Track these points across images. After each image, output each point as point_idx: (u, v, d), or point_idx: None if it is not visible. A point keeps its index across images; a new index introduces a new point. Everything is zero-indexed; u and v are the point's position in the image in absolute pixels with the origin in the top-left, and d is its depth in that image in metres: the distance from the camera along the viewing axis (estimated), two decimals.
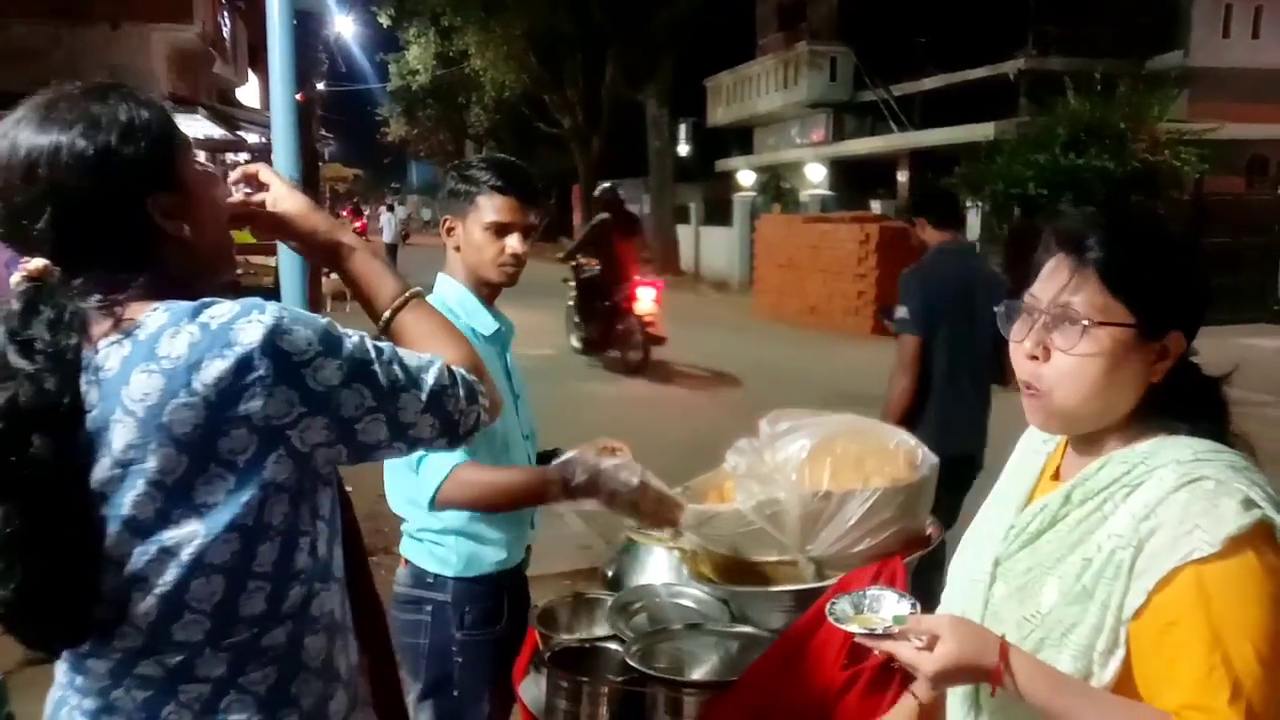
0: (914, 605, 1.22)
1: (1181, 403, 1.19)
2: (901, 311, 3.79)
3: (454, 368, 1.24)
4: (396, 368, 1.18)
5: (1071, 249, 1.18)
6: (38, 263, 1.12)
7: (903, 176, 20.18)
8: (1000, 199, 12.83)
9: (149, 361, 1.07)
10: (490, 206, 2.06)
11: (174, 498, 1.08)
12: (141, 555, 1.09)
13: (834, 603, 1.25)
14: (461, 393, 1.22)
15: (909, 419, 3.57)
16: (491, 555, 2.11)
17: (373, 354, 1.16)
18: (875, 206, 18.20)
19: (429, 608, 2.10)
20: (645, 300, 9.88)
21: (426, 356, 1.23)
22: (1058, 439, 1.31)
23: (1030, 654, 1.13)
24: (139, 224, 1.15)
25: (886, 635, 1.15)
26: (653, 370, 10.26)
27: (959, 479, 3.37)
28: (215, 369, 1.06)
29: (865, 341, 12.77)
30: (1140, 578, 1.09)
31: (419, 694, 2.14)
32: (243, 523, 1.10)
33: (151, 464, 1.06)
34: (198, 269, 1.22)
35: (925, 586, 1.52)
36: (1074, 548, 1.17)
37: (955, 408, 3.75)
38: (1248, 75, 16.21)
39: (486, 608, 2.12)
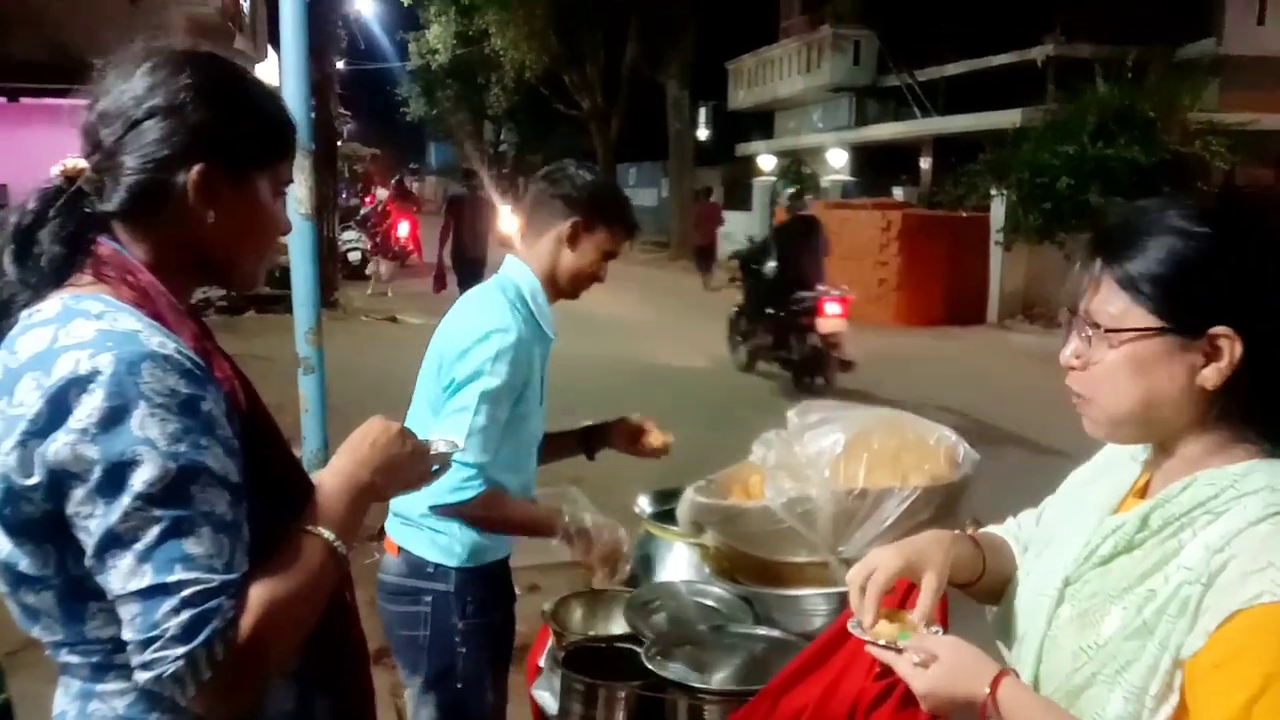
0: (937, 630, 1.19)
1: (1275, 413, 1.05)
2: (445, 206, 11.58)
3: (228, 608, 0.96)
4: (153, 531, 0.95)
5: (1089, 252, 1.10)
6: (77, 162, 1.07)
7: (926, 163, 19.94)
8: (1026, 187, 12.61)
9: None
10: (615, 240, 2.20)
11: None
12: None
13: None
14: (185, 623, 0.94)
15: (453, 253, 10.70)
16: (496, 545, 2.12)
17: (137, 484, 0.95)
18: (898, 193, 18.00)
19: (428, 598, 2.06)
20: (832, 317, 8.54)
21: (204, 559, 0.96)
22: (1150, 447, 1.16)
23: (1027, 688, 1.10)
24: (171, 184, 1.08)
25: (890, 647, 1.16)
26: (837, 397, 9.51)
27: (474, 275, 9.06)
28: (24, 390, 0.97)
29: (887, 330, 12.60)
30: (1204, 616, 0.96)
31: (421, 687, 2.10)
32: None
33: None
34: (191, 265, 1.14)
35: None
36: (1144, 578, 1.05)
37: (472, 244, 10.59)
38: None
39: (487, 594, 2.11)
